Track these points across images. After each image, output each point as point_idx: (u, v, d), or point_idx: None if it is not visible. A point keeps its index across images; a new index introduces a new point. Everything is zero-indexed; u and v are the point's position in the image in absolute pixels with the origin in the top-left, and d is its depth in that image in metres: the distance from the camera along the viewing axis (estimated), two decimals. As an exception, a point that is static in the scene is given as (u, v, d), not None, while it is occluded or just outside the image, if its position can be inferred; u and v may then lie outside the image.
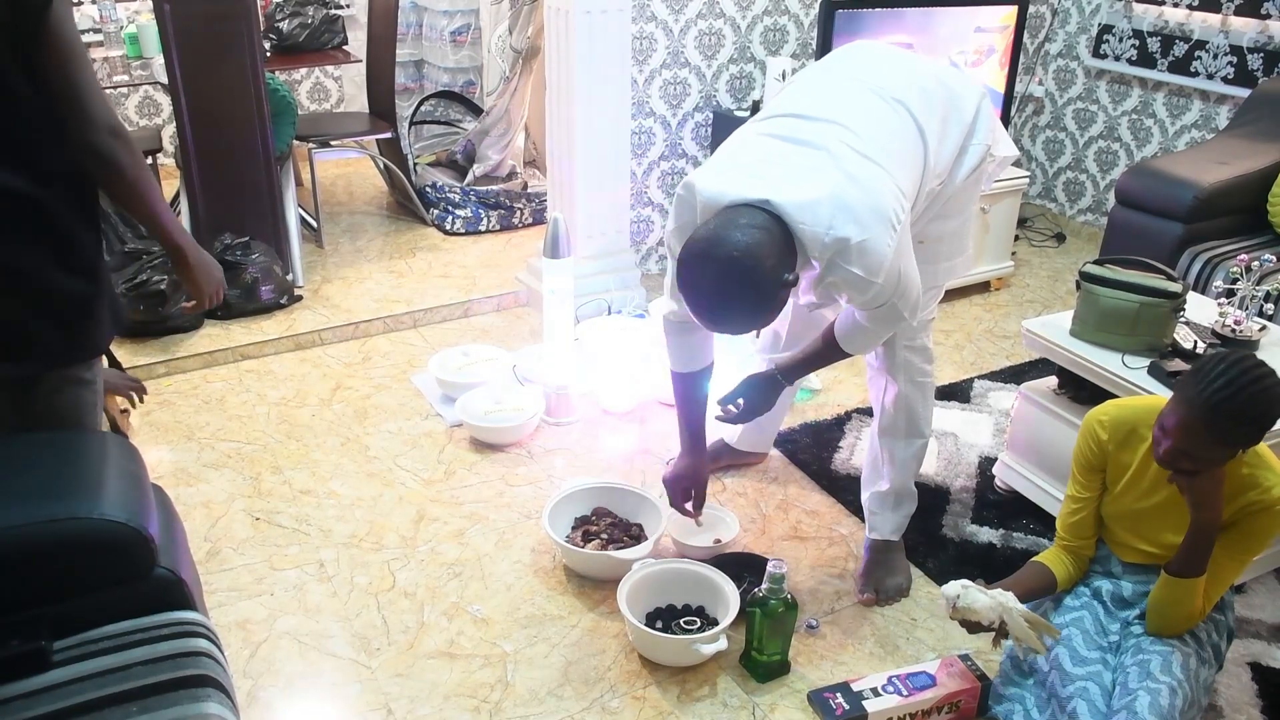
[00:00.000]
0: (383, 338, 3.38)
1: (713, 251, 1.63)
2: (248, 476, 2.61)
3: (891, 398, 2.20)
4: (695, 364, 2.12)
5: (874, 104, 1.85)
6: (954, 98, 1.95)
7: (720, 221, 1.66)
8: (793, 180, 1.70)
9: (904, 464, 2.25)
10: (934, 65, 2.05)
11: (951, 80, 1.99)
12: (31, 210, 1.50)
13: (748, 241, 1.62)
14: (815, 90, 1.92)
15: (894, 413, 2.21)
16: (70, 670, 1.29)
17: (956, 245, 2.12)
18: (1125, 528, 1.85)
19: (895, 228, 1.72)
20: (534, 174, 4.51)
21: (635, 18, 3.34)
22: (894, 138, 1.82)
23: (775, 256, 1.65)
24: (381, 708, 1.91)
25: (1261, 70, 3.68)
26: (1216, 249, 3.07)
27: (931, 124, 1.88)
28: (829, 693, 1.90)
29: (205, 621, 1.45)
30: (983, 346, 3.46)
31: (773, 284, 1.65)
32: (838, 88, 1.92)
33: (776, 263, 1.65)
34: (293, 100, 3.80)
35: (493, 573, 2.28)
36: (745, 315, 1.70)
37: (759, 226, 1.65)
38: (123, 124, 1.53)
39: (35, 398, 1.62)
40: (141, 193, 1.56)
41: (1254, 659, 2.08)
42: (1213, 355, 1.58)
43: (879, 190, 1.72)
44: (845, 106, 1.84)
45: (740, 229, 1.63)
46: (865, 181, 1.71)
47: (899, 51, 2.10)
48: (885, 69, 1.94)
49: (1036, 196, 4.69)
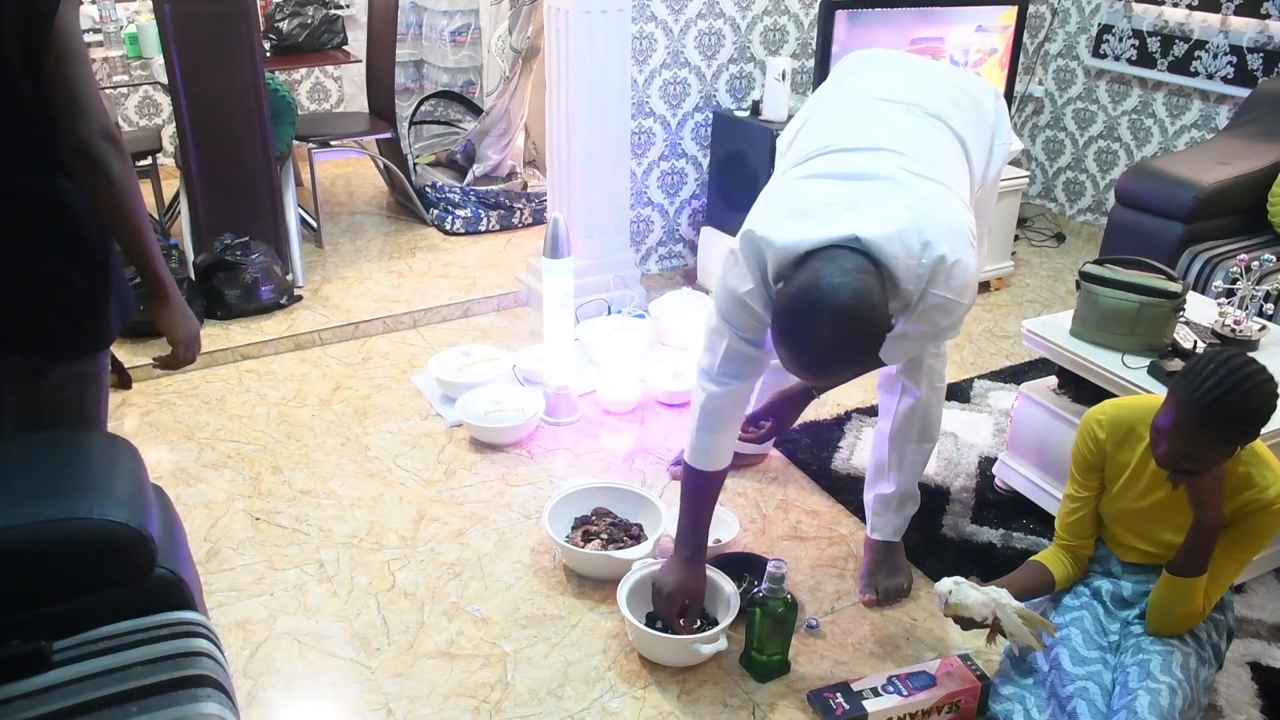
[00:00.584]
0: (383, 338, 3.38)
1: (825, 301, 1.51)
2: (248, 476, 2.61)
3: (910, 403, 2.17)
4: (718, 463, 1.96)
5: (915, 123, 1.81)
6: (976, 102, 1.94)
7: (818, 269, 1.54)
8: (869, 214, 1.60)
9: (912, 467, 2.24)
10: (949, 70, 2.05)
11: (970, 85, 1.98)
12: (40, 204, 1.50)
13: (857, 286, 1.51)
14: (849, 118, 1.85)
15: (910, 418, 2.19)
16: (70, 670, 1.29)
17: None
18: (1124, 527, 1.85)
19: (973, 244, 1.69)
20: (534, 174, 4.51)
21: (635, 18, 3.34)
22: (945, 155, 1.79)
23: (884, 303, 1.56)
24: (381, 708, 1.91)
25: (1261, 70, 3.68)
26: (1216, 249, 3.07)
27: (968, 133, 1.86)
28: (829, 693, 1.90)
29: (205, 621, 1.45)
30: (983, 346, 3.46)
31: (884, 327, 1.57)
32: (874, 112, 1.84)
33: (884, 308, 1.56)
34: (293, 100, 3.80)
35: (493, 573, 2.28)
36: (857, 363, 1.61)
37: (861, 270, 1.54)
38: (119, 132, 1.52)
39: (41, 390, 1.61)
40: (127, 207, 1.51)
41: (1254, 659, 2.08)
42: (1202, 356, 1.58)
43: (951, 209, 1.68)
44: (889, 131, 1.78)
45: (845, 274, 1.52)
46: (937, 202, 1.66)
47: (912, 60, 2.07)
48: (909, 83, 1.91)
49: (1036, 196, 4.69)
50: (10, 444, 1.57)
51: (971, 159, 1.85)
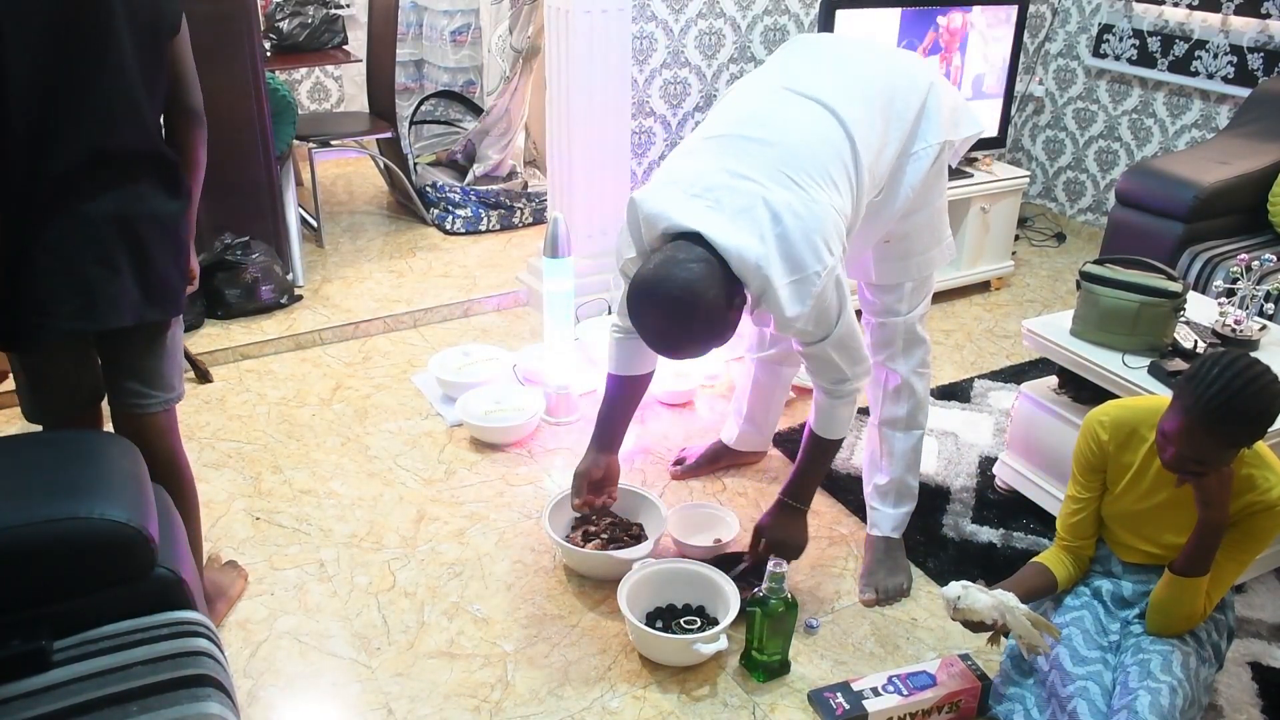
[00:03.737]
0: (383, 337, 3.38)
1: (659, 288, 1.66)
2: (248, 476, 2.61)
3: (893, 389, 2.22)
4: (639, 368, 2.14)
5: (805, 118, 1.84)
6: (895, 100, 1.92)
7: (662, 260, 1.69)
8: (724, 221, 1.71)
9: (903, 455, 2.27)
10: (884, 62, 2.00)
11: (898, 80, 1.95)
12: (162, 166, 1.73)
13: (688, 278, 1.65)
14: (749, 104, 1.91)
15: (894, 404, 2.23)
16: (70, 670, 1.30)
17: (930, 236, 2.12)
18: (1126, 528, 1.85)
19: (827, 255, 1.73)
20: (534, 174, 4.51)
21: (635, 18, 3.34)
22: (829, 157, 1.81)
23: (716, 288, 1.68)
24: (381, 707, 1.91)
25: (1261, 70, 3.68)
26: (1216, 249, 3.07)
27: (866, 133, 1.86)
28: (829, 692, 1.90)
29: (205, 621, 1.45)
30: (983, 346, 3.46)
31: (717, 313, 1.69)
32: (771, 102, 1.89)
33: (718, 294, 1.68)
34: (293, 100, 3.80)
35: (493, 573, 2.28)
36: (696, 344, 1.73)
37: (698, 260, 1.68)
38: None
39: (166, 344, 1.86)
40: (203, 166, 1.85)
41: (1254, 659, 2.08)
42: (1206, 358, 1.58)
43: (808, 219, 1.72)
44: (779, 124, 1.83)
45: (681, 265, 1.67)
46: (794, 221, 1.71)
47: (844, 50, 2.04)
48: (824, 75, 1.92)
49: (1036, 196, 4.69)
50: (10, 444, 1.57)
51: (861, 165, 1.84)
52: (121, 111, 1.64)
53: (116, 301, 1.69)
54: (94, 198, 1.64)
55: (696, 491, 2.61)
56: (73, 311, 1.66)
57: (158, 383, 1.86)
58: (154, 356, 1.84)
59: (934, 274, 2.19)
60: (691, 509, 2.44)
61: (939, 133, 1.98)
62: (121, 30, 1.61)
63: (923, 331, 2.20)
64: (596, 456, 2.21)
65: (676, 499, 2.55)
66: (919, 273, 2.13)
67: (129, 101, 1.65)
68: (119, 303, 1.70)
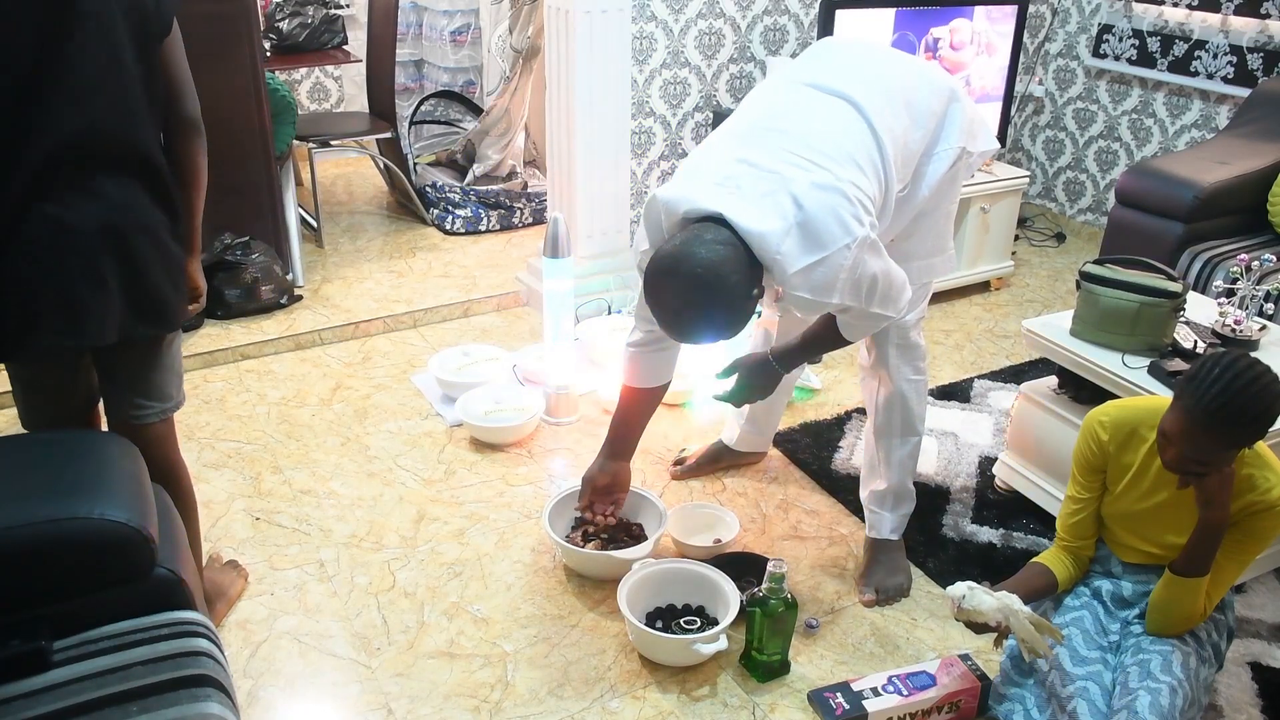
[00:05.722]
0: (383, 337, 3.38)
1: (679, 268, 1.64)
2: (248, 476, 2.61)
3: (885, 397, 2.21)
4: (654, 380, 2.16)
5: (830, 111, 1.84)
6: (917, 100, 1.93)
7: (685, 238, 1.67)
8: (747, 204, 1.70)
9: (900, 463, 2.26)
10: (907, 67, 2.02)
11: (919, 82, 1.97)
12: (153, 174, 1.67)
13: (712, 258, 1.63)
14: (772, 98, 1.92)
15: (888, 412, 2.22)
16: (70, 670, 1.29)
17: (933, 244, 2.11)
18: (1126, 528, 1.85)
19: (855, 228, 1.70)
20: (534, 174, 4.51)
21: (635, 18, 3.34)
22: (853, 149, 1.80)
23: (740, 272, 1.66)
24: (381, 708, 1.91)
25: (1261, 70, 3.68)
26: (1216, 249, 3.07)
27: (891, 126, 1.86)
28: (829, 692, 1.90)
29: (205, 621, 1.45)
30: (983, 346, 3.46)
31: (738, 299, 1.67)
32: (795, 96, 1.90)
33: (740, 278, 1.66)
34: (293, 100, 3.80)
35: (493, 573, 2.28)
36: (712, 328, 1.71)
37: (723, 242, 1.66)
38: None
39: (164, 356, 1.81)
40: (204, 173, 1.80)
41: (1254, 659, 2.08)
42: (1207, 359, 1.58)
43: (832, 193, 1.71)
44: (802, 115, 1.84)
45: (705, 245, 1.64)
46: (817, 199, 1.70)
47: (868, 52, 2.06)
48: (847, 73, 1.92)
49: (1036, 196, 4.69)
50: (10, 444, 1.57)
51: (886, 154, 1.84)
52: (108, 102, 1.56)
53: (103, 318, 1.62)
54: (78, 205, 1.56)
55: (696, 491, 2.61)
56: (58, 328, 1.59)
57: (155, 394, 1.81)
58: (150, 369, 1.80)
59: (932, 282, 2.18)
60: (691, 509, 2.44)
61: (959, 138, 1.98)
62: (115, 17, 1.54)
63: (917, 337, 2.19)
64: (604, 463, 2.26)
65: (676, 499, 2.55)
66: (918, 278, 2.12)
67: (119, 94, 1.57)
68: (106, 320, 1.62)
